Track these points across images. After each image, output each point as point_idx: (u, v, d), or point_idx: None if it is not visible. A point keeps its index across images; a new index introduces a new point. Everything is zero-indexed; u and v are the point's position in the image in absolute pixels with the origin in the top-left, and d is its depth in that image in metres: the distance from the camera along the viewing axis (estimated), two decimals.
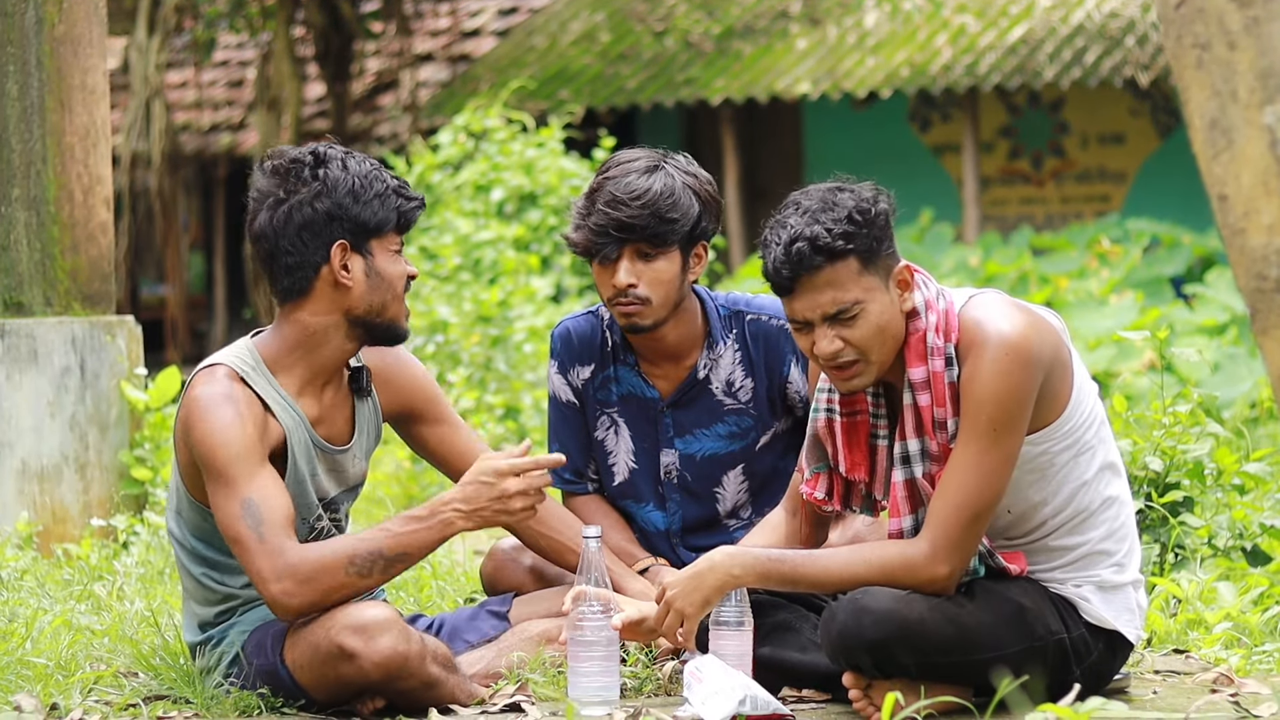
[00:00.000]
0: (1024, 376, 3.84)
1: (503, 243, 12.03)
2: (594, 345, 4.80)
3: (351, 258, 4.18)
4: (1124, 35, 16.54)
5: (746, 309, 4.77)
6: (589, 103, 17.12)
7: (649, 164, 4.62)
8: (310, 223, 4.16)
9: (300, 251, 4.17)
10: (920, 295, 3.94)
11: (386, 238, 4.21)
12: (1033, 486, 3.97)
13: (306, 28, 18.13)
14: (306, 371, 4.24)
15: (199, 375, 4.19)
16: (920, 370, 3.92)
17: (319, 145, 4.24)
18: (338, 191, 4.16)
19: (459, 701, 4.13)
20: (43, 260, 6.47)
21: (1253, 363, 11.34)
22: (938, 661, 3.89)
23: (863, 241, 3.86)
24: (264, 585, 4.01)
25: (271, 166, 4.21)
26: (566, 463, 4.80)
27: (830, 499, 4.14)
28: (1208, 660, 4.49)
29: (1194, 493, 5.41)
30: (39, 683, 4.35)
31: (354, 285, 4.19)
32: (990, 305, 3.92)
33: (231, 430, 4.08)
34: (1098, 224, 15.97)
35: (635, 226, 4.56)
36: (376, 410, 4.41)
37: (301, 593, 4.01)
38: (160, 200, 17.65)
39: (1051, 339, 3.91)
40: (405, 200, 4.22)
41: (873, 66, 16.83)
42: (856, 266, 3.87)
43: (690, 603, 4.00)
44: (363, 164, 4.21)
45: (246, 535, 4.02)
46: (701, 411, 4.76)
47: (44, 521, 6.35)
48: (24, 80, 6.47)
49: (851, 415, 4.09)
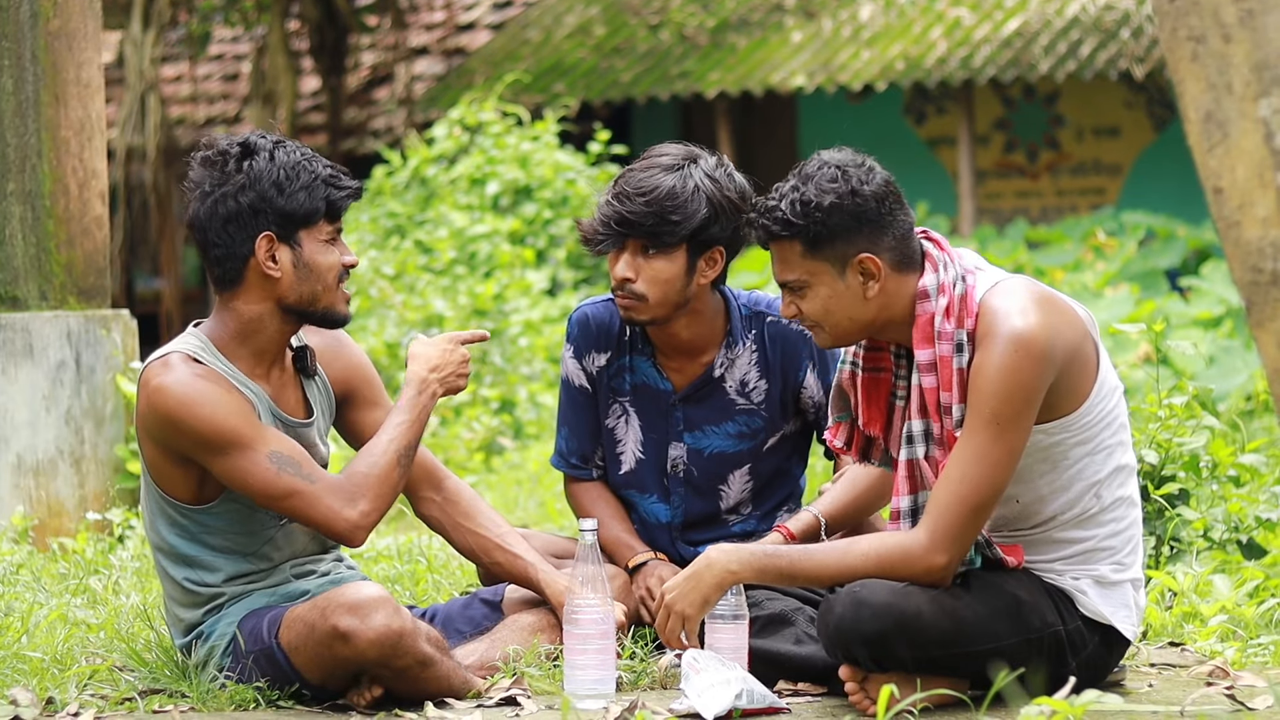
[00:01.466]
0: (1032, 372, 3.84)
1: (498, 236, 12.04)
2: (611, 333, 4.79)
3: (279, 248, 4.19)
4: (1119, 28, 16.54)
5: (767, 310, 4.75)
6: (584, 96, 17.11)
7: (673, 161, 4.60)
8: (235, 215, 4.17)
9: (227, 244, 4.19)
10: (934, 278, 3.96)
11: (316, 228, 4.20)
12: (1043, 478, 3.97)
13: (301, 21, 18.11)
14: (250, 355, 4.25)
15: (153, 367, 4.17)
16: (927, 353, 3.94)
17: (250, 134, 4.25)
18: (262, 183, 4.16)
19: (454, 685, 4.13)
20: (38, 254, 6.47)
21: (1248, 355, 11.34)
22: (935, 654, 3.89)
23: (805, 231, 3.96)
24: (337, 518, 4.11)
25: (202, 157, 4.23)
26: (574, 447, 4.80)
27: (849, 449, 4.19)
28: (1203, 653, 4.49)
29: (1189, 485, 5.41)
30: (35, 677, 4.34)
31: (282, 276, 4.20)
32: (1011, 295, 3.91)
33: (221, 402, 4.11)
34: (1093, 217, 15.96)
35: (634, 222, 4.55)
36: (327, 388, 4.42)
37: (377, 506, 4.14)
38: (155, 194, 17.63)
39: (1069, 335, 3.90)
40: (334, 190, 4.21)
41: (868, 59, 16.83)
42: (800, 249, 3.98)
43: (690, 603, 4.00)
44: (292, 153, 4.20)
45: (295, 484, 4.10)
46: (713, 409, 4.75)
47: (39, 515, 6.34)
48: (19, 74, 6.46)
49: (874, 371, 4.13)
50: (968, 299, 3.93)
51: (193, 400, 4.10)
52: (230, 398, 4.12)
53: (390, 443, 4.21)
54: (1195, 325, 12.15)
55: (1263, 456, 5.63)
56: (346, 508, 4.11)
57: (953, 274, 3.97)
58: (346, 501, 4.11)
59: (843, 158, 4.01)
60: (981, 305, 3.92)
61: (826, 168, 3.98)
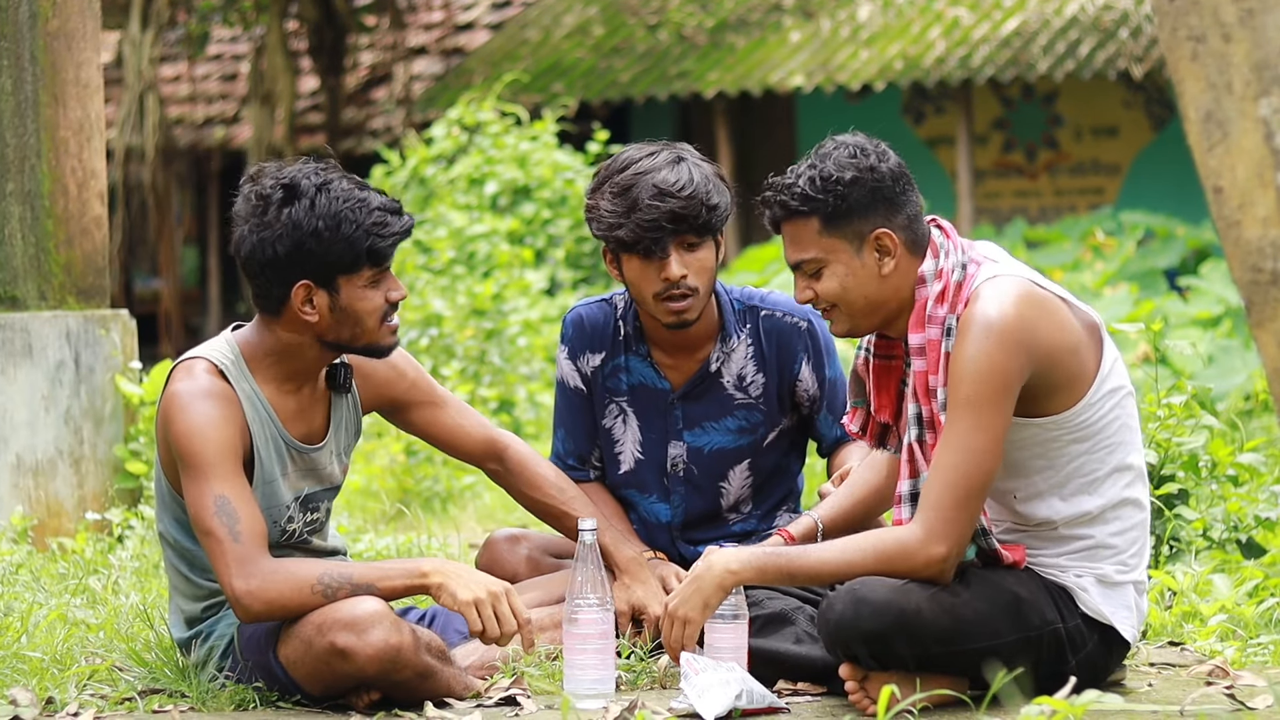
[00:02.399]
0: (1003, 358, 3.85)
1: (496, 236, 12.03)
2: (606, 333, 4.79)
3: (317, 293, 4.14)
4: (1118, 27, 16.54)
5: (761, 304, 4.76)
6: (583, 96, 17.11)
7: (672, 155, 4.60)
8: (272, 262, 4.12)
9: (264, 285, 4.16)
10: (933, 264, 4.00)
11: (357, 275, 4.14)
12: (1040, 474, 3.98)
13: (300, 21, 18.11)
14: (282, 373, 4.24)
15: (180, 369, 4.18)
16: (918, 336, 3.98)
17: (299, 172, 4.14)
18: (301, 232, 4.09)
19: (454, 692, 4.13)
20: (37, 254, 6.47)
21: (1247, 355, 11.34)
22: (934, 652, 3.90)
23: (824, 206, 3.98)
24: (230, 582, 4.00)
25: (247, 191, 4.17)
26: (571, 448, 4.81)
27: (864, 434, 4.21)
28: (1203, 653, 4.49)
29: (1189, 485, 5.41)
30: (34, 677, 4.34)
31: (319, 320, 4.17)
32: (998, 287, 3.93)
33: (211, 427, 4.08)
34: (1092, 216, 15.96)
35: (686, 216, 4.54)
36: (355, 406, 4.40)
37: (268, 600, 4.00)
38: (154, 194, 17.63)
39: (1053, 334, 3.91)
40: (378, 239, 4.12)
41: (866, 59, 16.83)
42: (818, 226, 4.00)
43: (692, 608, 4.00)
44: (335, 201, 4.10)
45: (219, 529, 4.02)
46: (712, 404, 4.75)
47: (39, 515, 6.34)
48: (18, 75, 6.45)
49: (886, 359, 4.15)
50: (963, 286, 3.96)
51: (189, 414, 4.10)
52: (221, 428, 4.09)
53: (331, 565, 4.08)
54: (1194, 325, 12.14)
55: (1262, 456, 5.63)
56: (239, 577, 3.99)
57: (953, 261, 3.99)
58: (242, 572, 4.00)
59: (858, 139, 4.07)
60: (971, 294, 3.94)
61: (843, 146, 4.04)
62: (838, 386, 4.76)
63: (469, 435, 4.57)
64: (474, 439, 4.57)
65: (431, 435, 4.55)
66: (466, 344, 10.26)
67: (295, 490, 4.27)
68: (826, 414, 4.77)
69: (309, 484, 4.30)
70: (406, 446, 8.59)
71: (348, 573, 4.06)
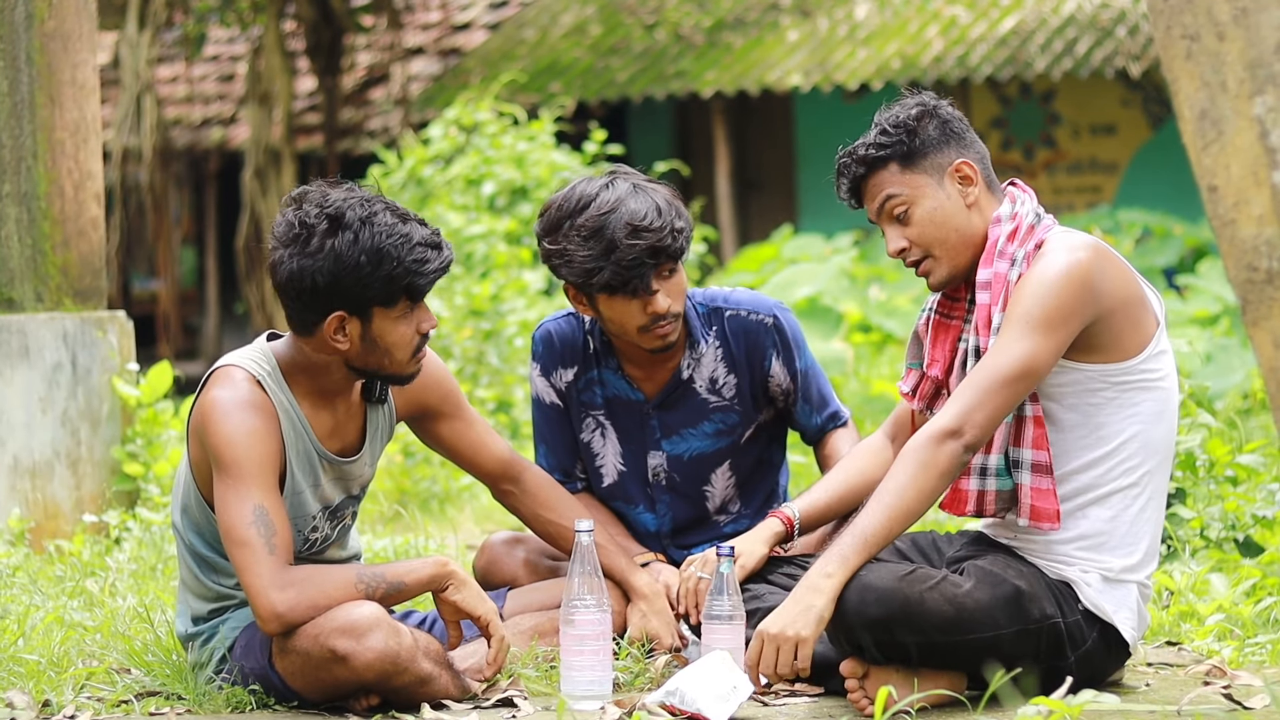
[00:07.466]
0: (1070, 292, 3.93)
1: (494, 236, 12.02)
2: (576, 347, 4.77)
3: (350, 322, 4.13)
4: (1115, 26, 16.55)
5: (725, 305, 4.75)
6: (580, 96, 17.11)
7: (627, 185, 4.54)
8: (311, 290, 4.09)
9: (299, 310, 4.14)
10: (1009, 207, 4.10)
11: (392, 309, 4.13)
12: (1073, 431, 4.02)
13: (297, 22, 18.10)
14: (315, 388, 4.24)
15: (219, 374, 4.17)
16: (987, 271, 4.06)
17: (343, 202, 4.09)
18: (341, 264, 4.06)
19: (452, 696, 4.14)
20: (34, 256, 6.46)
21: (1244, 354, 11.34)
22: (936, 640, 3.91)
23: (899, 147, 4.10)
24: (264, 592, 3.97)
25: (291, 216, 4.12)
26: (554, 463, 4.80)
27: (914, 395, 4.25)
28: (1200, 652, 4.49)
29: (1186, 484, 5.41)
30: (31, 679, 4.34)
31: (349, 347, 4.16)
32: (1071, 234, 4.04)
33: (253, 437, 4.08)
34: (1089, 215, 15.97)
35: (664, 247, 4.51)
36: (391, 414, 4.41)
37: (301, 612, 3.99)
38: (151, 195, 17.62)
39: (1121, 286, 3.98)
40: (418, 275, 4.09)
41: (864, 58, 16.83)
42: (896, 169, 4.11)
43: (805, 624, 3.95)
44: (378, 235, 4.07)
45: (255, 540, 4.00)
46: (688, 411, 4.74)
47: (36, 517, 6.34)
48: (14, 76, 6.45)
49: (947, 317, 4.21)
50: (1035, 230, 4.07)
51: (229, 420, 4.08)
52: (264, 440, 4.09)
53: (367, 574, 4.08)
54: (1192, 323, 12.14)
55: (1259, 455, 5.63)
56: (275, 588, 3.98)
57: (1029, 208, 4.11)
58: (277, 583, 3.98)
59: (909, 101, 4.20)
60: (1044, 240, 4.05)
61: (903, 99, 4.19)
62: (810, 377, 4.75)
63: (491, 453, 4.57)
64: (495, 458, 4.58)
65: (454, 448, 4.54)
66: (464, 345, 10.26)
67: (324, 501, 4.28)
68: (803, 404, 4.75)
69: (339, 493, 4.31)
70: (404, 448, 8.59)
71: (379, 571, 4.09)
